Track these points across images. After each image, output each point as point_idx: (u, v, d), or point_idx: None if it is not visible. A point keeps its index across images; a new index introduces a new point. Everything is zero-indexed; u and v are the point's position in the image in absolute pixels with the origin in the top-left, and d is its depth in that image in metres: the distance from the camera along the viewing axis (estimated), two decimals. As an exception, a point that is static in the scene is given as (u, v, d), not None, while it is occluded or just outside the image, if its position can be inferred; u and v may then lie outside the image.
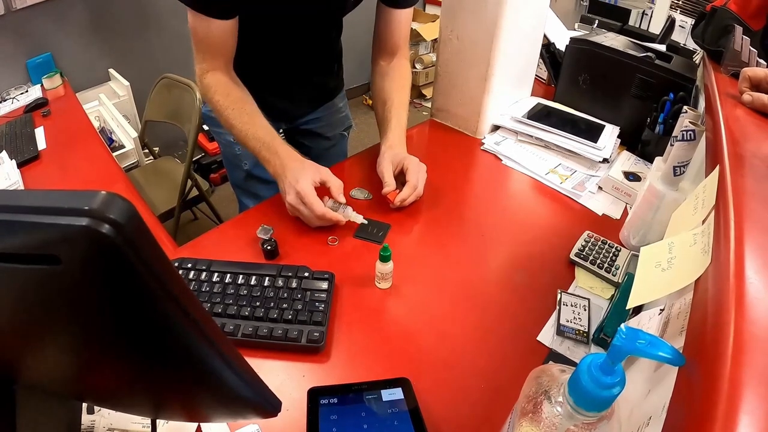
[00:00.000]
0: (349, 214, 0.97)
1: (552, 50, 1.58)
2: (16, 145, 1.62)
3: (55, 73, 2.16)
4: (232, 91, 1.03)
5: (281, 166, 0.98)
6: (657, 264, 0.60)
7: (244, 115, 1.02)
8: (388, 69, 1.21)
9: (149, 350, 0.35)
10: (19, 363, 0.44)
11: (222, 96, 1.02)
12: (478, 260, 0.96)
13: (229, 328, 0.76)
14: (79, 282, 0.29)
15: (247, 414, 0.49)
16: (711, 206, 0.57)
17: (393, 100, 1.17)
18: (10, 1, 2.12)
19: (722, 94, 0.81)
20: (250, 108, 1.04)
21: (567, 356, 0.76)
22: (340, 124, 1.47)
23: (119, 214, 0.25)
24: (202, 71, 1.03)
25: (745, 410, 0.31)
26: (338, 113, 1.45)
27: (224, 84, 1.03)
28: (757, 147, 0.63)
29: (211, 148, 2.95)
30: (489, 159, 1.28)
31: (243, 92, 1.05)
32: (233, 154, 1.30)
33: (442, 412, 0.67)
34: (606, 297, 0.88)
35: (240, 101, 1.03)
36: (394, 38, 1.18)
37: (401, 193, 1.02)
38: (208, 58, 1.01)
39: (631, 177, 1.17)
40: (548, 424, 0.43)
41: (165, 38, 2.74)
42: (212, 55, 1.01)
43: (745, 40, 0.90)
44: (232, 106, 1.02)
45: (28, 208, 0.26)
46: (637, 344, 0.38)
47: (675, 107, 1.15)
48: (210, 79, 1.02)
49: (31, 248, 0.27)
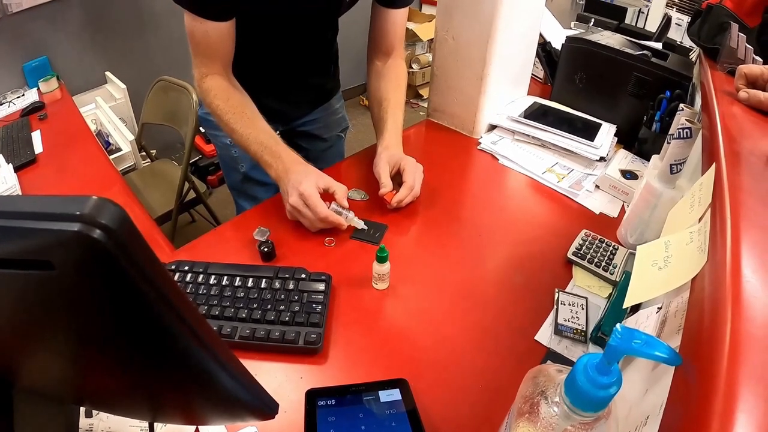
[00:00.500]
0: (351, 218, 0.97)
1: (548, 49, 1.58)
2: (13, 149, 1.62)
3: (52, 77, 2.17)
4: (231, 96, 1.02)
5: (284, 170, 0.98)
6: (654, 263, 0.60)
7: (245, 119, 1.01)
8: (383, 69, 1.21)
9: (144, 354, 0.35)
10: (16, 367, 0.44)
11: (222, 101, 1.01)
12: (475, 260, 0.96)
13: (227, 330, 0.76)
14: (73, 287, 0.29)
15: (245, 416, 0.49)
16: (707, 204, 0.57)
17: (389, 100, 1.16)
18: (6, 5, 2.12)
19: (718, 91, 0.81)
20: (251, 112, 1.03)
21: (565, 355, 0.76)
22: (337, 125, 1.47)
23: (111, 219, 0.25)
24: (200, 75, 1.02)
25: (742, 409, 0.31)
26: (335, 114, 1.45)
27: (224, 88, 1.02)
28: (753, 144, 0.63)
29: (208, 150, 2.95)
30: (486, 158, 1.28)
31: (243, 96, 1.05)
32: (230, 156, 1.29)
33: (440, 413, 0.67)
34: (604, 296, 0.88)
35: (240, 105, 1.02)
36: (389, 38, 1.18)
37: (398, 194, 1.02)
38: (207, 62, 1.00)
39: (628, 175, 1.17)
40: (545, 424, 0.43)
41: (161, 41, 2.74)
42: (210, 58, 1.00)
43: (741, 38, 0.90)
44: (232, 110, 1.01)
45: (21, 213, 0.26)
46: (633, 344, 0.38)
47: (671, 105, 1.15)
48: (209, 84, 1.02)
49: (24, 254, 0.27)
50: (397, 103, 1.17)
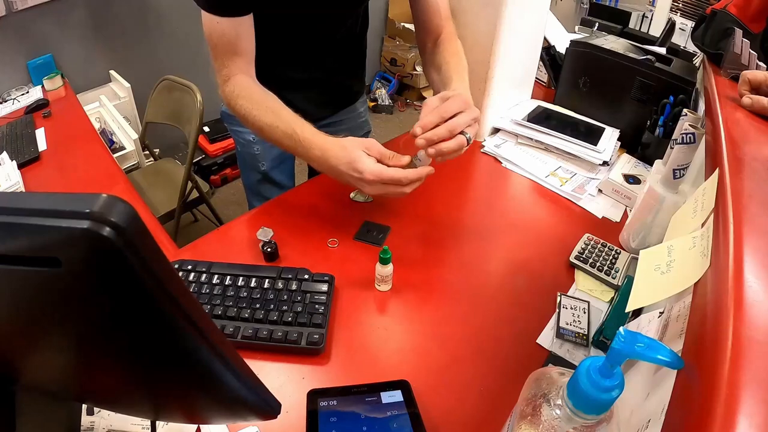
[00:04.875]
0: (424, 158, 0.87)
1: (552, 53, 1.58)
2: (17, 146, 1.62)
3: (56, 74, 2.17)
4: (253, 93, 0.98)
5: (325, 161, 0.89)
6: (656, 267, 0.60)
7: (269, 114, 0.95)
8: (435, 46, 1.11)
9: (149, 352, 0.35)
10: (20, 364, 0.44)
11: (245, 100, 0.96)
12: (477, 262, 0.96)
13: (229, 330, 0.76)
14: (80, 284, 0.29)
15: (247, 416, 0.49)
16: (710, 209, 0.57)
17: (449, 62, 1.05)
18: (11, 2, 2.12)
19: (722, 97, 0.81)
20: (273, 104, 0.96)
21: (567, 359, 0.76)
22: (360, 128, 1.44)
23: (120, 217, 0.25)
24: (223, 80, 0.98)
25: (744, 413, 0.31)
26: (359, 118, 1.42)
27: (246, 87, 0.98)
28: (756, 150, 0.64)
29: (211, 150, 2.95)
30: (489, 161, 1.28)
31: (263, 90, 0.99)
32: (251, 154, 1.27)
33: (442, 415, 0.67)
34: (606, 300, 0.88)
35: (263, 100, 0.97)
36: (435, 20, 1.11)
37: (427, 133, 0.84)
38: (227, 62, 0.97)
39: (631, 180, 1.17)
40: (547, 427, 0.43)
41: (166, 40, 2.74)
42: (230, 58, 0.97)
43: (745, 43, 0.90)
44: (255, 107, 0.96)
45: (29, 210, 0.26)
46: (636, 347, 0.38)
47: (675, 110, 1.15)
48: (232, 85, 0.98)
49: (32, 251, 0.27)
50: (457, 65, 1.04)
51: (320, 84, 1.23)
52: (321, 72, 1.21)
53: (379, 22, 3.98)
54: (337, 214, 1.04)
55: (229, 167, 3.01)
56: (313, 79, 1.21)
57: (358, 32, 1.22)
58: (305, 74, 1.19)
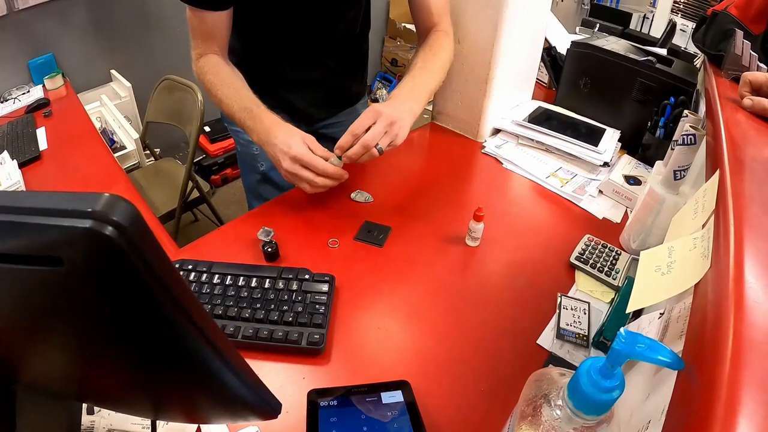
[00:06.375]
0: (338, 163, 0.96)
1: (553, 54, 1.58)
2: (18, 146, 1.62)
3: (57, 74, 2.17)
4: (221, 70, 1.06)
5: (265, 132, 0.98)
6: (657, 268, 0.60)
7: (231, 89, 1.04)
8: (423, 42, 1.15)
9: (150, 352, 0.35)
10: (20, 363, 0.44)
11: (213, 75, 1.05)
12: (478, 263, 0.96)
13: (230, 329, 0.76)
14: (81, 283, 0.29)
15: (247, 416, 0.49)
16: (711, 210, 0.57)
17: (417, 58, 1.10)
18: (12, 2, 2.12)
19: (723, 98, 0.81)
20: (238, 83, 1.06)
21: (567, 360, 0.77)
22: None
23: (122, 217, 0.25)
24: (196, 56, 1.07)
25: (744, 414, 0.31)
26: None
27: (215, 64, 1.06)
28: (757, 151, 0.64)
29: (212, 149, 2.95)
30: (490, 162, 1.28)
31: (233, 70, 1.08)
32: (250, 154, 1.27)
33: (442, 415, 0.67)
34: (606, 301, 0.88)
35: (229, 77, 1.06)
36: (427, 17, 1.14)
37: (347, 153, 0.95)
38: (201, 43, 1.06)
39: (632, 181, 1.17)
40: (547, 427, 0.43)
41: (167, 40, 2.74)
42: (205, 41, 1.05)
43: (746, 45, 0.90)
44: (221, 82, 1.05)
45: (31, 209, 0.26)
46: (637, 348, 0.38)
47: (676, 111, 1.15)
48: (203, 61, 1.06)
49: (34, 250, 0.27)
50: (423, 66, 1.09)
51: (320, 84, 1.24)
52: (321, 72, 1.21)
53: (380, 23, 3.98)
54: (337, 214, 1.04)
55: (229, 167, 3.01)
56: (313, 79, 1.22)
57: (358, 32, 1.23)
58: (305, 74, 1.19)
